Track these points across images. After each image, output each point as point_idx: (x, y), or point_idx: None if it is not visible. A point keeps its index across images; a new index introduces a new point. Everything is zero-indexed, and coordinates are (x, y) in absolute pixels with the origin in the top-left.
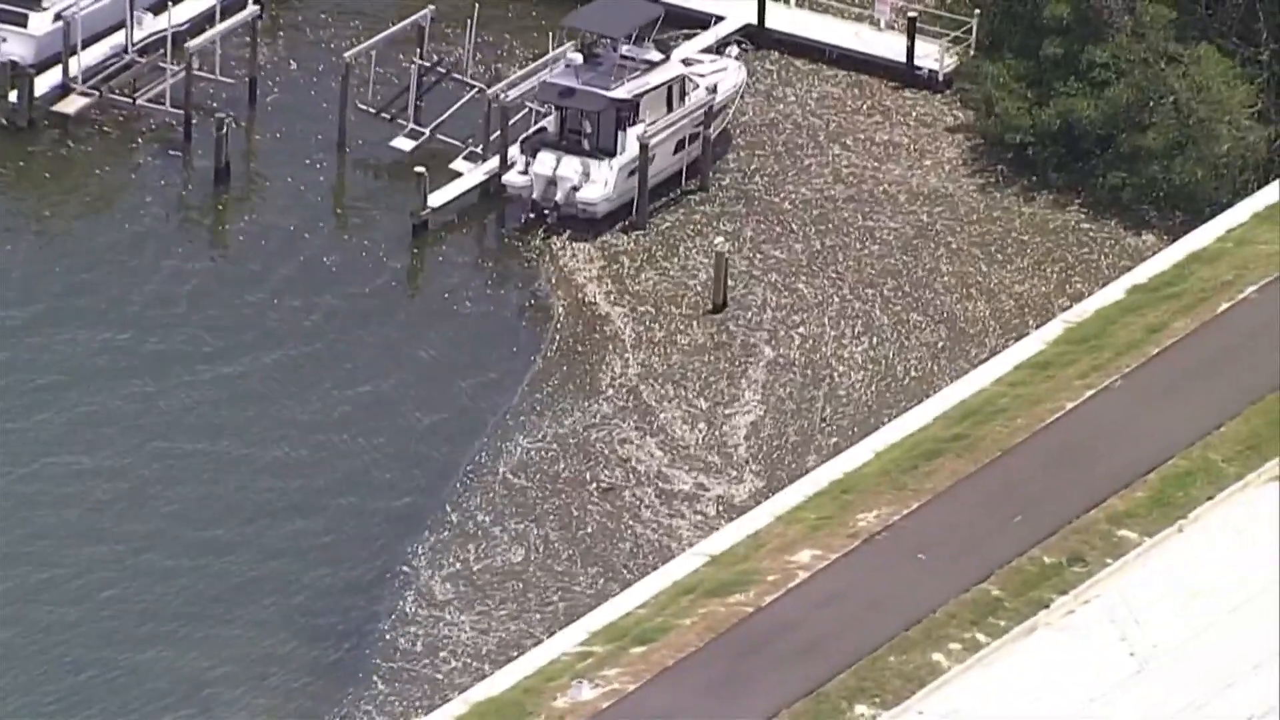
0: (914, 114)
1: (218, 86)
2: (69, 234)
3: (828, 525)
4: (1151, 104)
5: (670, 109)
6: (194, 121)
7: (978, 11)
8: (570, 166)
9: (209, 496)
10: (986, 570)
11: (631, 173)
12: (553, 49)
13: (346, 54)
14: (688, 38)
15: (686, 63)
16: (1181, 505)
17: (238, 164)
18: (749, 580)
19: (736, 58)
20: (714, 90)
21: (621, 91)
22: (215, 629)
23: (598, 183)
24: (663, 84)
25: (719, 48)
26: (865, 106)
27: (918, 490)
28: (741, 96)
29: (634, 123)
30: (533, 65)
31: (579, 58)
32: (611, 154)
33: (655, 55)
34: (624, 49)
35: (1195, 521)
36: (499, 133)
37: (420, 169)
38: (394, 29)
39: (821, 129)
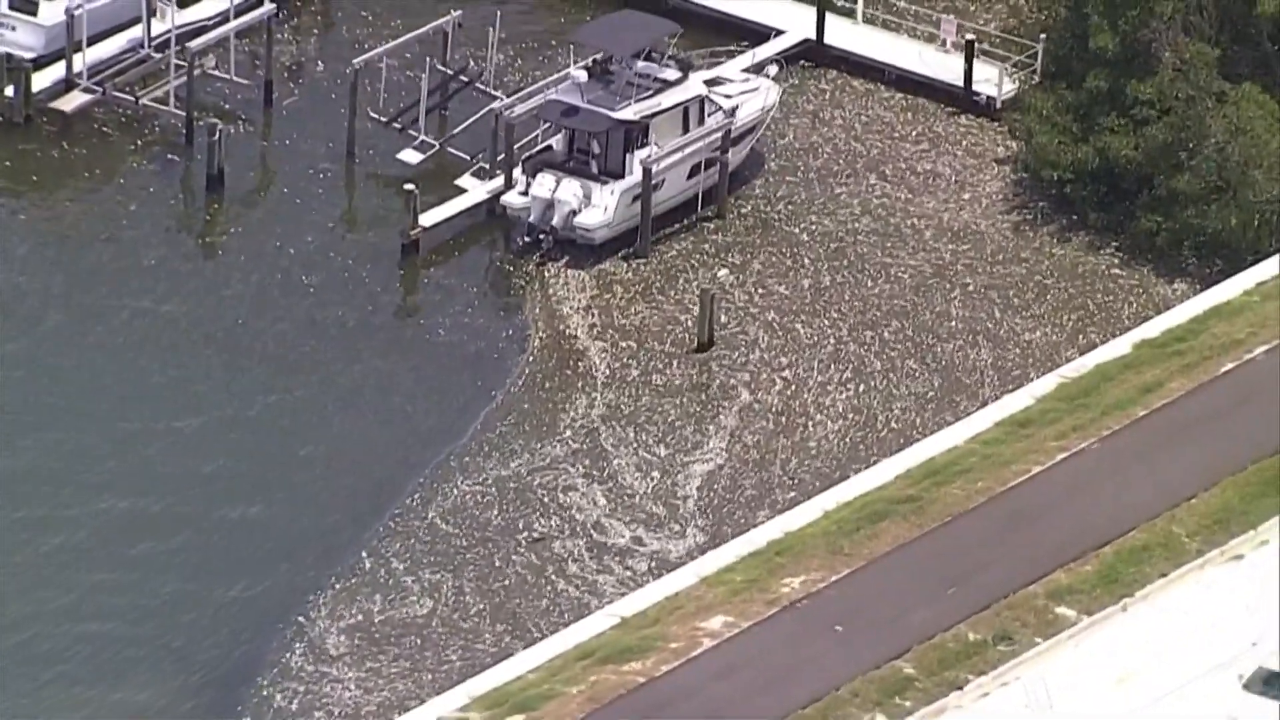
0: (964, 143)
1: (232, 88)
2: (42, 241)
3: (750, 589)
4: (1193, 145)
5: (687, 132)
6: (201, 124)
7: (1043, 36)
8: (569, 189)
9: (117, 517)
10: (904, 645)
11: (635, 198)
12: (574, 62)
13: (356, 60)
14: (742, 51)
15: (716, 83)
16: (1130, 582)
17: (238, 172)
18: (651, 647)
19: (774, 78)
20: (732, 113)
21: (628, 112)
22: (94, 674)
23: (598, 207)
24: (677, 105)
25: (758, 67)
26: (914, 133)
27: (853, 555)
28: (772, 118)
29: (643, 145)
30: (547, 80)
31: (584, 75)
32: (619, 177)
33: (672, 74)
34: (640, 66)
35: (1143, 600)
36: (507, 150)
37: (410, 186)
38: (412, 34)
39: (862, 155)
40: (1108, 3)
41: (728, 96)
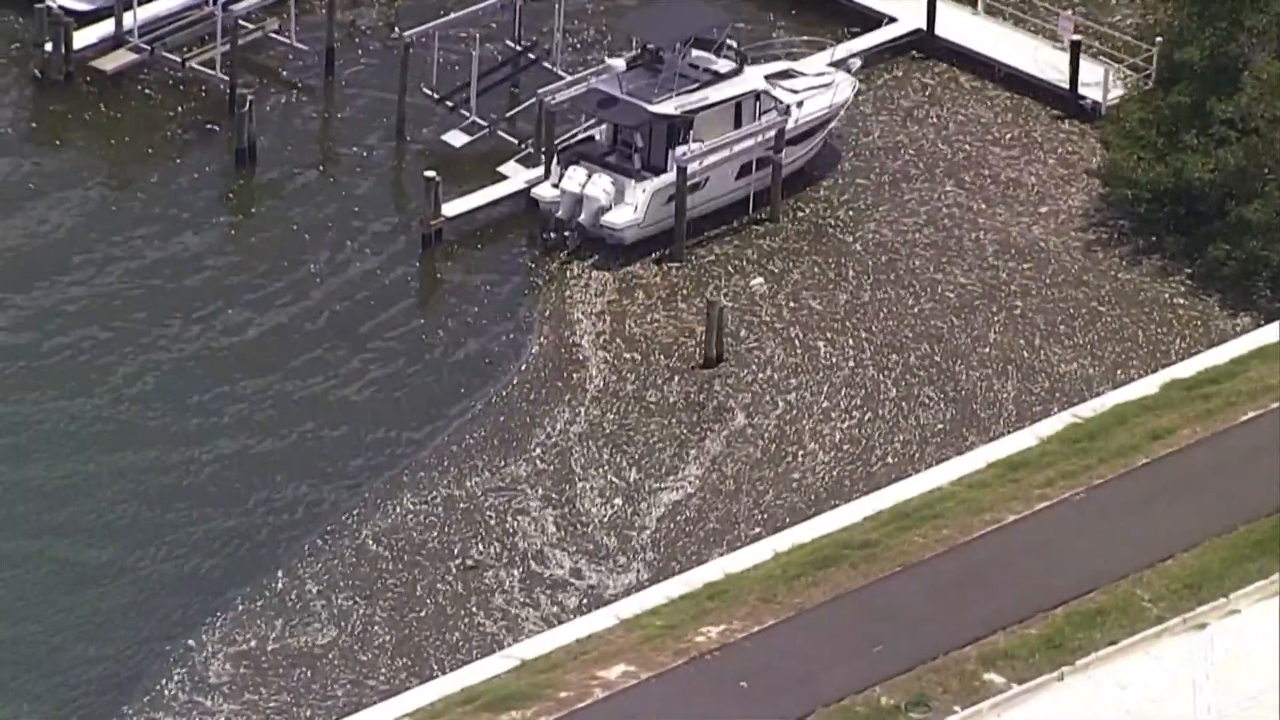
0: (1060, 150)
1: (295, 53)
2: (51, 212)
3: (665, 636)
4: (1268, 171)
5: (740, 128)
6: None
7: (1158, 39)
8: (600, 185)
9: (47, 518)
10: (808, 708)
11: (672, 197)
12: (635, 45)
13: (407, 33)
14: (853, 36)
15: (786, 76)
16: (1075, 649)
17: (277, 145)
18: (538, 695)
19: (855, 73)
20: (786, 111)
21: (668, 106)
22: None
23: (628, 206)
24: (727, 100)
25: (839, 62)
26: (1009, 136)
27: (784, 604)
28: (850, 114)
29: (686, 141)
30: (593, 69)
31: (622, 64)
32: (662, 174)
33: (724, 66)
34: (693, 56)
35: (1082, 670)
36: (547, 138)
37: (430, 173)
38: (474, 8)
39: (944, 159)
40: (1200, 12)
41: (793, 92)
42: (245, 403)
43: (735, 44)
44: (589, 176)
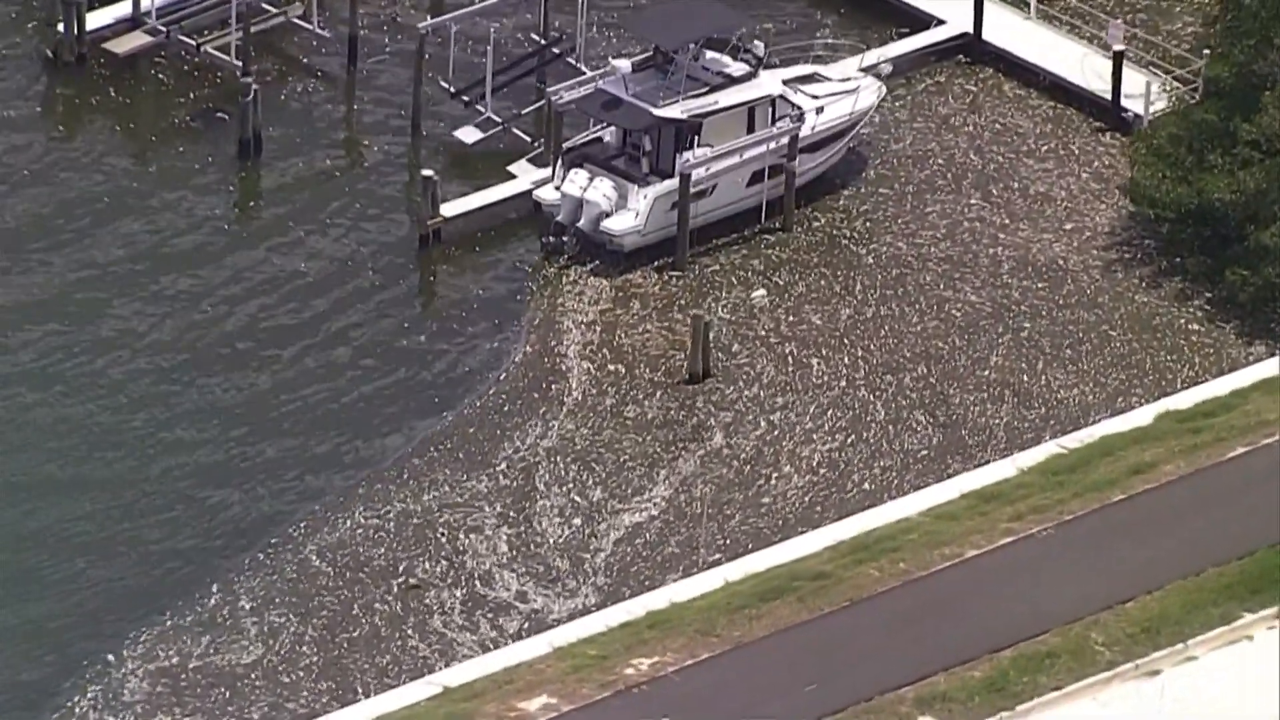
0: (1096, 164)
1: (317, 41)
2: (50, 200)
3: (595, 667)
4: None
5: (752, 134)
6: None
7: (1207, 51)
8: (601, 189)
9: None
10: None
11: (675, 204)
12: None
13: (421, 25)
14: (901, 37)
15: (811, 80)
16: (1018, 694)
17: (287, 136)
18: None
19: (885, 78)
20: (800, 118)
21: (674, 109)
22: None
23: (629, 212)
24: (739, 105)
25: (870, 67)
26: (1045, 148)
27: (723, 638)
28: (878, 120)
29: (694, 146)
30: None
31: (627, 65)
32: (668, 179)
33: (738, 70)
34: (707, 58)
35: (1022, 716)
36: (556, 139)
37: (428, 172)
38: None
39: (974, 170)
40: (1232, 27)
41: (814, 97)
42: (208, 402)
43: (761, 45)
44: (591, 180)
